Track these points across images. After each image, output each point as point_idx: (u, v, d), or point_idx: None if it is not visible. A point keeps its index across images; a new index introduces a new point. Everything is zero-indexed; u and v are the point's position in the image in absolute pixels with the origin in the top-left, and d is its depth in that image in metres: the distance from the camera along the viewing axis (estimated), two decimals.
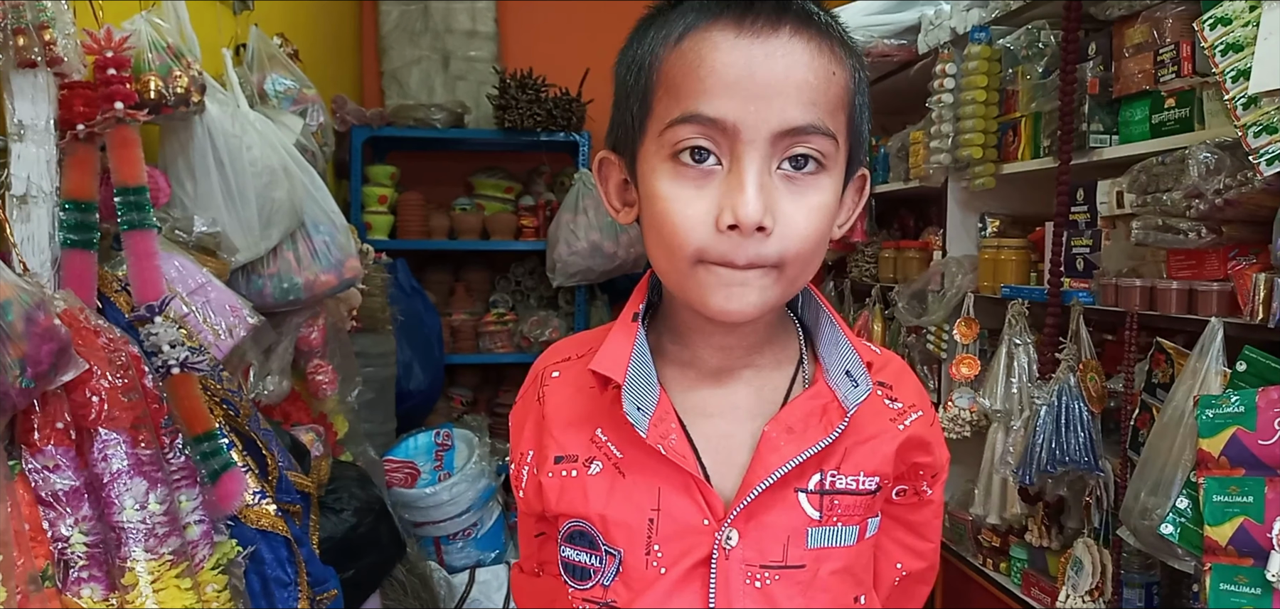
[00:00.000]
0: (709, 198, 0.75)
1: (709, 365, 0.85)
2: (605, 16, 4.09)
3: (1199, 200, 1.57)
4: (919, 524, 0.92)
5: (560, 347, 0.94)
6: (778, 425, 0.81)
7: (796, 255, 0.77)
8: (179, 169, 1.70)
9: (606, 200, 0.88)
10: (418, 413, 3.51)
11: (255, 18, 2.41)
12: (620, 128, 0.84)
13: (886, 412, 0.85)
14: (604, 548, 0.82)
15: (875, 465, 0.83)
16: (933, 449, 0.88)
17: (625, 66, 0.83)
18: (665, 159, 0.77)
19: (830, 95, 0.77)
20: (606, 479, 0.82)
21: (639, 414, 0.80)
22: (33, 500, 1.16)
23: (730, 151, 0.75)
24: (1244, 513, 1.41)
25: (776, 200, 0.75)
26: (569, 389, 0.88)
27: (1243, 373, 1.51)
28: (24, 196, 1.30)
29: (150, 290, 1.39)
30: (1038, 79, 2.17)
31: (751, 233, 0.74)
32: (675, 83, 0.77)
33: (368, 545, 2.08)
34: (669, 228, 0.77)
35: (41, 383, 1.14)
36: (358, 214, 3.59)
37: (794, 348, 0.88)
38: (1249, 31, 1.42)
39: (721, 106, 0.74)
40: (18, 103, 1.29)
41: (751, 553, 0.79)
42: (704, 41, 0.76)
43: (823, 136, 0.76)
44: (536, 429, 0.88)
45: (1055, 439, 1.92)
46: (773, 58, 0.74)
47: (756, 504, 0.79)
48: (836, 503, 0.81)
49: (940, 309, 2.47)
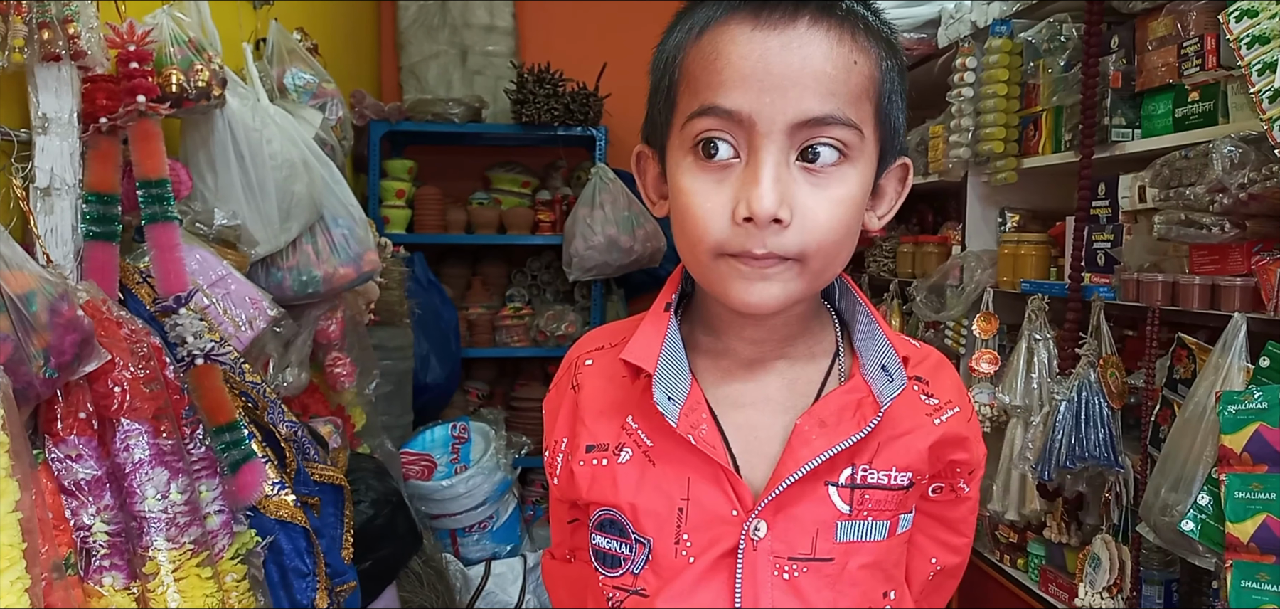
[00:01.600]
0: (727, 191, 0.76)
1: (741, 356, 0.85)
2: (622, 11, 4.11)
3: (1223, 195, 1.55)
4: (955, 520, 0.91)
5: (594, 335, 0.94)
6: (810, 418, 0.80)
7: (819, 248, 0.76)
8: (200, 162, 1.72)
9: (644, 193, 0.88)
10: (434, 406, 3.53)
11: (275, 12, 2.42)
12: (652, 123, 0.85)
13: (922, 407, 0.84)
14: (634, 536, 0.82)
15: (908, 461, 0.82)
16: (969, 445, 0.87)
17: (655, 62, 0.83)
18: (687, 152, 0.78)
19: (851, 85, 0.76)
20: (637, 468, 0.82)
21: (669, 403, 0.80)
22: (56, 489, 1.18)
23: (747, 144, 0.75)
24: (1267, 509, 1.39)
25: (795, 192, 0.75)
26: (602, 378, 0.88)
27: (1266, 369, 1.49)
28: (47, 188, 1.32)
29: (175, 282, 1.41)
30: (1059, 72, 2.15)
31: (767, 225, 0.74)
32: (695, 77, 0.77)
33: (384, 537, 2.09)
34: (689, 221, 0.77)
35: (65, 373, 1.15)
36: (376, 208, 3.60)
37: (829, 340, 0.87)
38: (1276, 24, 1.40)
39: (737, 99, 0.74)
40: (42, 95, 1.30)
41: (779, 545, 0.79)
42: (722, 35, 0.76)
43: (843, 127, 0.75)
44: (570, 417, 0.88)
45: (1075, 435, 1.91)
46: (789, 48, 0.74)
47: (785, 496, 0.79)
48: (867, 498, 0.81)
49: (959, 304, 2.46)
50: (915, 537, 0.89)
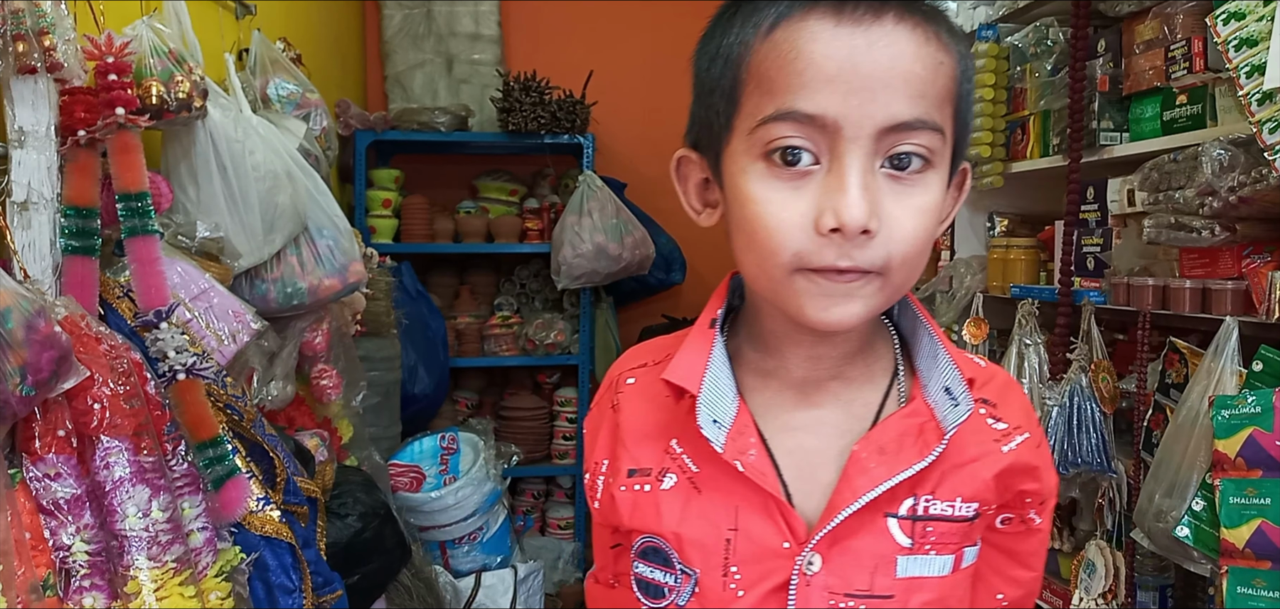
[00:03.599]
0: (807, 199, 0.70)
1: (794, 376, 0.79)
2: (608, 19, 4.11)
3: (1212, 198, 1.55)
4: (1024, 554, 0.84)
5: (636, 352, 0.89)
6: (868, 445, 0.75)
7: (903, 260, 0.71)
8: (181, 174, 1.69)
9: (685, 201, 0.82)
10: (423, 416, 3.50)
11: (258, 22, 2.40)
12: (702, 125, 0.78)
13: (989, 433, 0.78)
14: (679, 566, 0.77)
15: (974, 491, 0.76)
16: (1040, 474, 0.80)
17: (708, 59, 0.76)
18: (757, 158, 0.71)
19: (938, 87, 0.71)
20: (681, 495, 0.77)
21: (715, 428, 0.75)
22: (34, 509, 1.15)
23: (830, 150, 0.69)
24: (1261, 514, 1.39)
25: (881, 201, 0.69)
26: (643, 398, 0.83)
27: (1259, 373, 1.49)
28: (25, 203, 1.29)
29: (155, 297, 1.38)
30: (1046, 76, 2.15)
31: (855, 236, 0.68)
32: (768, 76, 0.71)
33: (373, 550, 2.06)
34: (763, 232, 0.71)
35: (42, 390, 1.13)
36: (362, 218, 3.58)
37: (888, 360, 0.81)
38: (1263, 26, 1.40)
39: (821, 101, 0.68)
40: (18, 109, 1.28)
41: (835, 580, 0.74)
42: (800, 31, 0.69)
43: (930, 132, 0.71)
44: (610, 438, 0.84)
45: (1067, 440, 1.90)
46: (876, 47, 0.68)
47: (842, 529, 0.74)
48: (930, 530, 0.75)
49: (949, 310, 2.45)
50: (982, 572, 0.82)
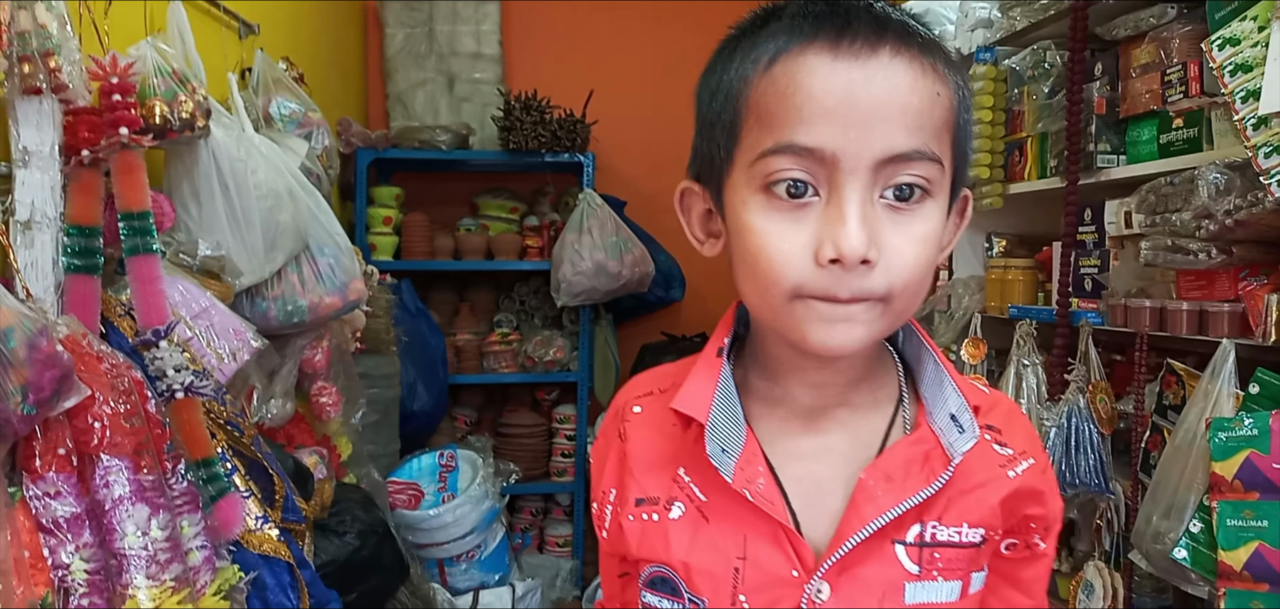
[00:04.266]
0: (807, 230, 0.71)
1: (800, 404, 0.80)
2: (609, 39, 4.13)
3: (1209, 221, 1.55)
4: (1027, 581, 0.84)
5: (642, 380, 0.90)
6: (876, 472, 0.75)
7: (904, 287, 0.72)
8: (184, 193, 1.70)
9: (689, 232, 0.83)
10: (421, 434, 3.50)
11: (260, 42, 2.41)
12: (704, 158, 0.79)
13: (995, 458, 0.79)
14: (687, 596, 0.77)
15: (981, 516, 0.77)
16: (1046, 500, 0.81)
17: (709, 93, 0.77)
18: (757, 191, 0.72)
19: (935, 118, 0.72)
20: (690, 524, 0.78)
21: (724, 456, 0.75)
22: (33, 527, 1.16)
23: (829, 182, 0.70)
24: (1259, 537, 1.39)
25: (880, 231, 0.70)
26: (650, 427, 0.83)
27: (1256, 395, 1.49)
28: (28, 222, 1.30)
29: (155, 315, 1.39)
30: (1044, 99, 2.16)
31: (854, 266, 0.69)
32: (767, 110, 0.72)
33: (371, 568, 2.06)
34: (763, 263, 0.72)
35: (43, 409, 1.13)
36: (362, 235, 3.59)
37: (893, 386, 0.82)
38: (1258, 52, 1.41)
39: (819, 135, 0.69)
40: (22, 129, 1.29)
41: (844, 608, 0.74)
42: (798, 65, 0.71)
43: (928, 162, 0.71)
44: (618, 467, 0.84)
45: (1065, 461, 1.90)
46: (873, 80, 0.69)
47: (850, 557, 0.74)
48: (937, 556, 0.75)
49: (948, 330, 2.46)
50: (986, 598, 0.82)
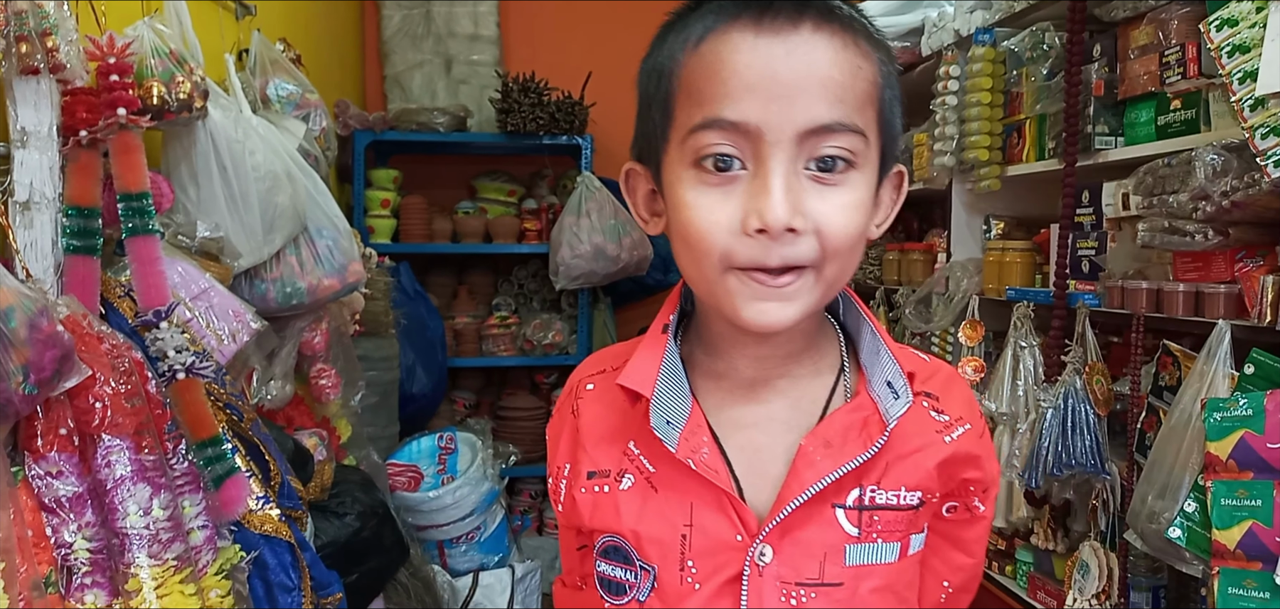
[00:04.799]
0: (734, 202, 0.73)
1: (743, 376, 0.83)
2: (607, 20, 4.12)
3: (1206, 202, 1.56)
4: (968, 541, 0.88)
5: (596, 358, 0.92)
6: (815, 439, 0.79)
7: (834, 252, 0.74)
8: (182, 174, 1.70)
9: (635, 212, 0.85)
10: (421, 416, 3.51)
11: (258, 23, 2.41)
12: (644, 138, 0.82)
13: (932, 424, 0.81)
14: (638, 563, 0.80)
15: (918, 480, 0.80)
16: (982, 463, 0.84)
17: (646, 74, 0.80)
18: (689, 166, 0.75)
19: (857, 91, 0.74)
20: (639, 494, 0.80)
21: (668, 428, 0.78)
22: (36, 507, 1.16)
23: (754, 155, 0.73)
24: (1253, 516, 1.40)
25: (805, 200, 0.73)
26: (602, 403, 0.86)
27: (1251, 375, 1.50)
28: (27, 203, 1.30)
29: (155, 296, 1.39)
30: (1042, 81, 2.16)
31: (781, 235, 0.72)
32: (695, 88, 0.75)
33: (371, 549, 2.07)
34: (694, 234, 0.75)
35: (45, 389, 1.14)
36: (361, 218, 3.59)
37: (834, 356, 0.85)
38: (1256, 33, 1.42)
39: (743, 109, 0.72)
40: (21, 109, 1.29)
41: (786, 570, 0.77)
42: (723, 43, 0.73)
43: (851, 134, 0.74)
44: (571, 443, 0.87)
45: (1061, 442, 1.91)
46: (794, 55, 0.72)
47: (791, 520, 0.77)
48: (876, 519, 0.78)
49: (946, 312, 2.47)
50: (928, 559, 0.86)
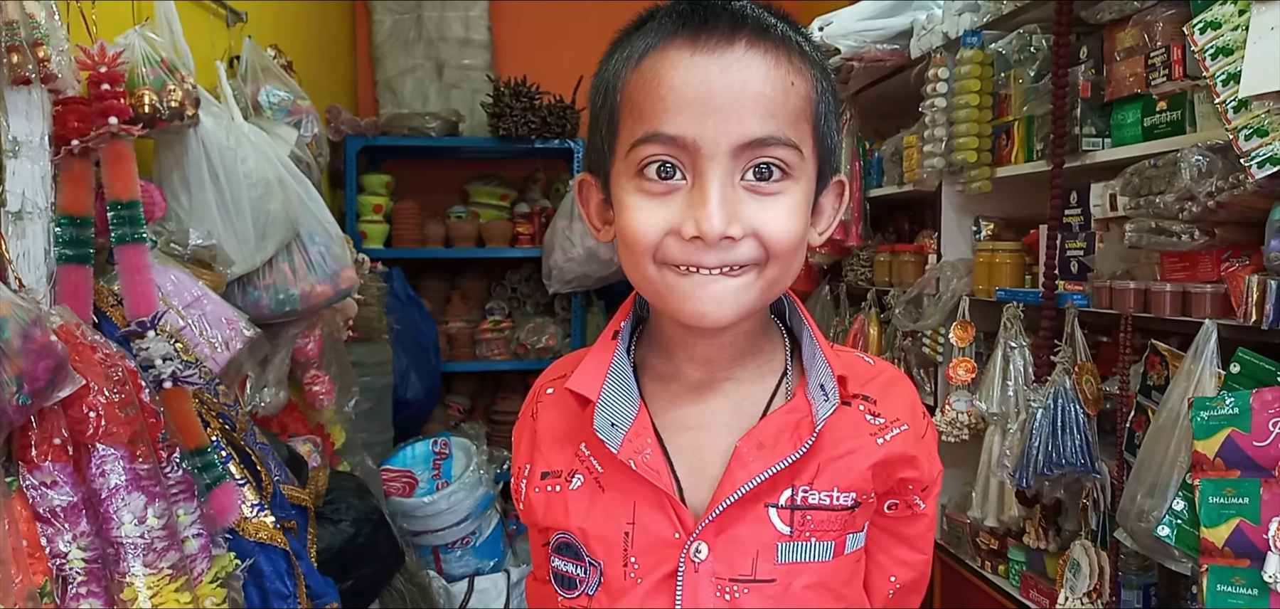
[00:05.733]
0: (672, 208, 0.77)
1: (690, 379, 0.86)
2: (598, 24, 4.10)
3: (1191, 203, 1.57)
4: (912, 537, 0.91)
5: (558, 365, 0.96)
6: (749, 440, 0.81)
7: (775, 254, 0.78)
8: (174, 182, 1.71)
9: (588, 220, 0.89)
10: (415, 421, 3.51)
11: (249, 29, 2.41)
12: (593, 150, 0.86)
13: (866, 427, 0.84)
14: (587, 559, 0.84)
15: (850, 481, 0.82)
16: (919, 463, 0.87)
17: (594, 90, 0.84)
18: (632, 176, 0.79)
19: (790, 106, 0.78)
20: (587, 493, 0.84)
21: (613, 430, 0.81)
22: (30, 517, 1.16)
23: (692, 167, 0.76)
24: (1240, 514, 1.41)
25: (742, 208, 0.76)
26: (557, 407, 0.89)
27: (1237, 374, 1.51)
28: (19, 212, 1.31)
29: (143, 305, 1.40)
30: (1030, 83, 2.18)
31: (718, 243, 0.75)
32: (637, 103, 0.78)
33: (366, 555, 2.08)
34: (631, 236, 0.79)
35: (38, 399, 1.14)
36: (353, 223, 3.59)
37: (779, 360, 0.88)
38: (1239, 35, 1.43)
39: (681, 124, 0.75)
40: (12, 119, 1.29)
41: (721, 566, 0.80)
42: (662, 60, 0.77)
43: (784, 147, 0.77)
44: (530, 445, 0.90)
45: (1052, 442, 1.92)
46: (728, 72, 0.75)
47: (725, 518, 0.80)
48: (809, 519, 0.81)
49: (936, 312, 2.48)
50: (875, 555, 0.90)
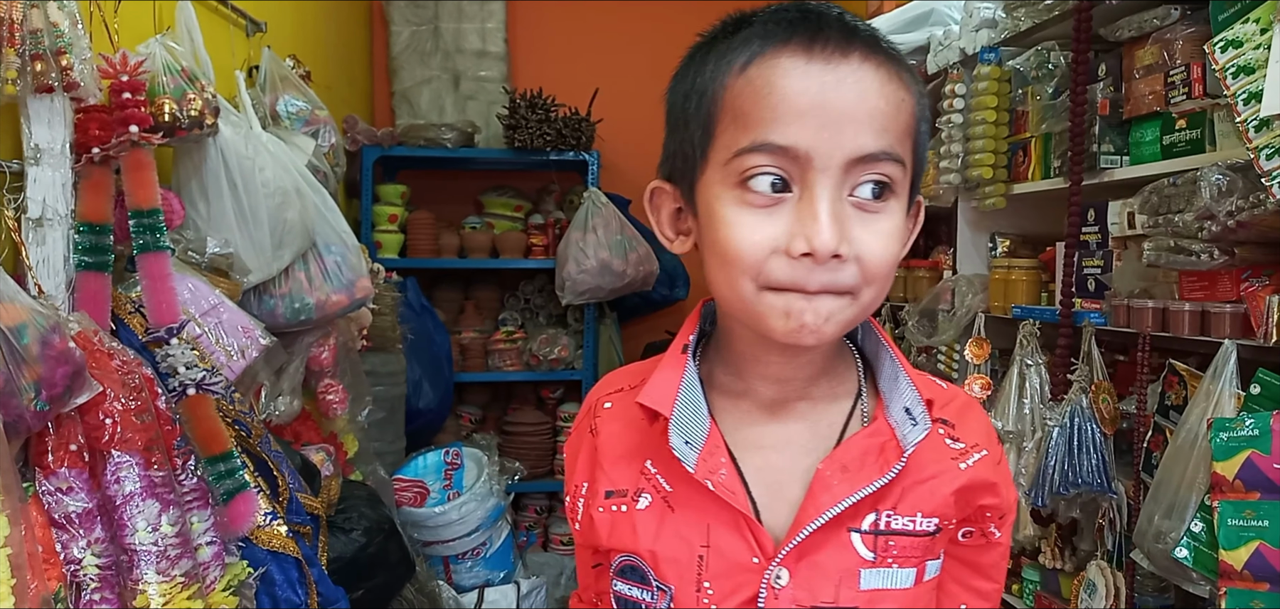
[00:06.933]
0: (779, 224, 0.74)
1: (763, 397, 0.84)
2: (614, 37, 4.14)
3: (1211, 222, 1.56)
4: (986, 566, 0.88)
5: (613, 377, 0.93)
6: (832, 463, 0.79)
7: (872, 280, 0.76)
8: (192, 191, 1.72)
9: (658, 230, 0.86)
10: (427, 431, 3.51)
11: (268, 40, 2.43)
12: (676, 157, 0.82)
13: (948, 451, 0.82)
14: (655, 583, 0.81)
15: (934, 506, 0.80)
16: (998, 490, 0.84)
17: (682, 94, 0.81)
18: (732, 186, 0.76)
19: (900, 122, 0.76)
20: (656, 514, 0.81)
21: (687, 448, 0.79)
22: (46, 523, 1.17)
23: (801, 179, 0.74)
24: (1259, 537, 1.40)
25: (850, 227, 0.74)
26: (620, 421, 0.87)
27: (1257, 396, 1.50)
28: (40, 219, 1.32)
29: (166, 313, 1.40)
30: (1048, 99, 2.17)
31: (826, 260, 0.73)
32: (743, 111, 0.75)
33: (377, 565, 2.08)
34: (733, 253, 0.75)
35: (56, 405, 1.15)
36: (368, 233, 3.60)
37: (852, 381, 0.86)
38: (1260, 54, 1.42)
39: (794, 134, 0.73)
40: (34, 127, 1.30)
41: (802, 593, 0.78)
42: (773, 68, 0.75)
43: (893, 163, 0.76)
44: (589, 462, 0.87)
45: (1068, 461, 1.91)
46: (844, 84, 0.73)
47: (807, 543, 0.78)
48: (892, 544, 0.79)
49: (951, 329, 2.47)
50: (944, 583, 0.87)
